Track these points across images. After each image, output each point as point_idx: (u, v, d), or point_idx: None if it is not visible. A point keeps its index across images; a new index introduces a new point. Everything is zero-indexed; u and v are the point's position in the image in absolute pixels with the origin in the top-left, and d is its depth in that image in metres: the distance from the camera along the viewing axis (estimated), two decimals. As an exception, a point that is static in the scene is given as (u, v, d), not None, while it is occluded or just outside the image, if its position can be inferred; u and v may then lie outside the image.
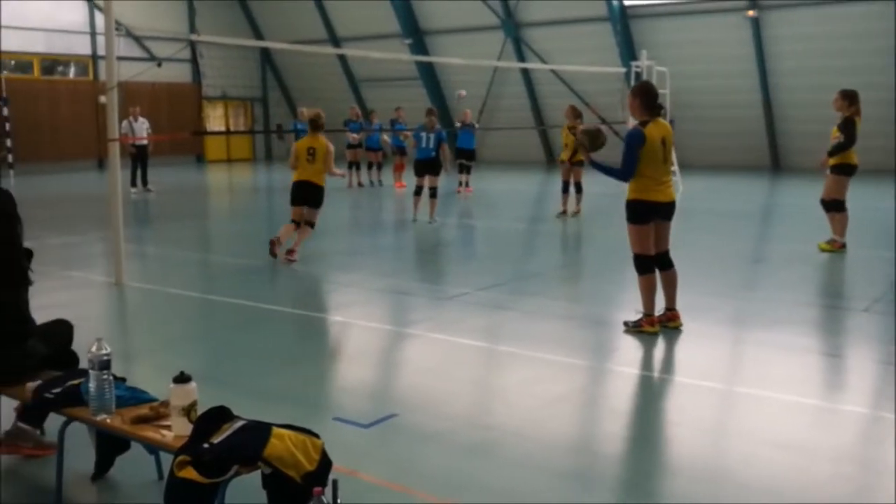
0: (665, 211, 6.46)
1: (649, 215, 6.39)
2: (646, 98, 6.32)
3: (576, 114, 13.76)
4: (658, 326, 6.43)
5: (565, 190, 13.70)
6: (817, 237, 10.18)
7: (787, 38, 21.69)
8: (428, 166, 13.26)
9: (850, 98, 9.75)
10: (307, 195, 9.82)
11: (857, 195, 10.96)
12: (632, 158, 6.22)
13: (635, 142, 6.21)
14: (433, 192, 13.13)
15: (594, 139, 6.77)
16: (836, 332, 6.82)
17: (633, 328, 6.48)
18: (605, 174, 6.52)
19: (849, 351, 6.17)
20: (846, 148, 9.71)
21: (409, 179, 19.15)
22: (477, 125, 19.49)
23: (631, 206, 6.41)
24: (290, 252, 9.64)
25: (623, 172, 6.30)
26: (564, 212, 13.70)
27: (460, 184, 17.72)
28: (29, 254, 4.28)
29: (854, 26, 20.29)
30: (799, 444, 4.35)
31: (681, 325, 6.56)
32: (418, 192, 13.30)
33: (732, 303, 7.59)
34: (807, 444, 4.36)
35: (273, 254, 9.65)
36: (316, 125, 9.91)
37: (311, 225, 9.96)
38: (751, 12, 21.86)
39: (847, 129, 9.67)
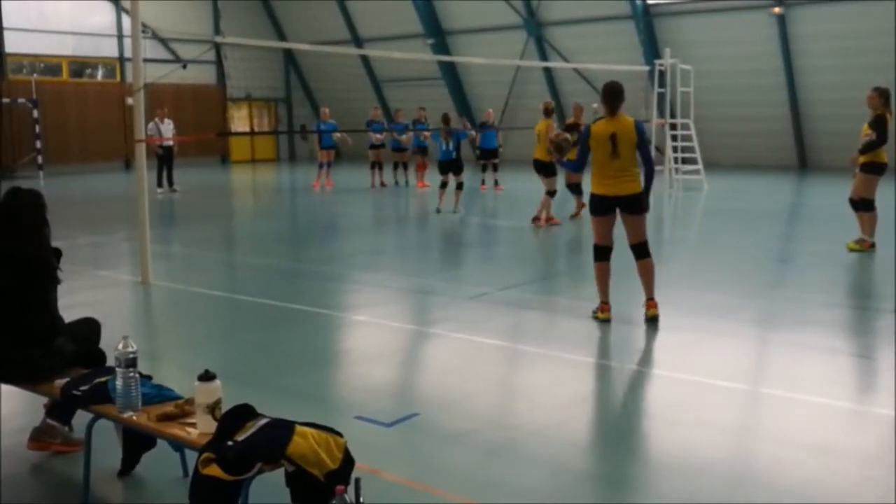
0: (622, 204, 6.73)
1: (602, 208, 6.80)
2: (603, 96, 6.79)
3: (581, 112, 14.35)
4: (608, 314, 6.75)
5: (573, 192, 13.78)
6: (846, 237, 10.03)
7: (814, 35, 21.42)
8: (449, 166, 14.70)
9: (885, 95, 9.63)
10: (538, 168, 12.78)
11: (887, 194, 10.82)
12: (580, 152, 6.96)
13: (582, 136, 6.95)
14: (459, 185, 14.38)
15: (562, 148, 8.43)
16: (866, 333, 6.72)
17: (592, 315, 6.86)
18: (567, 168, 7.49)
19: (878, 352, 6.05)
20: (878, 146, 9.56)
21: (431, 179, 19.23)
22: (497, 124, 19.54)
23: (590, 200, 6.99)
24: (537, 219, 12.38)
25: (574, 164, 7.29)
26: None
27: (483, 181, 17.93)
28: (58, 253, 4.35)
29: (882, 23, 19.98)
30: (827, 446, 4.30)
31: (656, 314, 6.68)
32: (443, 185, 14.56)
33: (759, 303, 7.52)
34: (835, 446, 4.31)
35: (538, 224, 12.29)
36: (546, 112, 13.08)
37: (549, 194, 12.48)
38: (776, 9, 21.60)
39: (879, 127, 9.52)
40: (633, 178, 6.71)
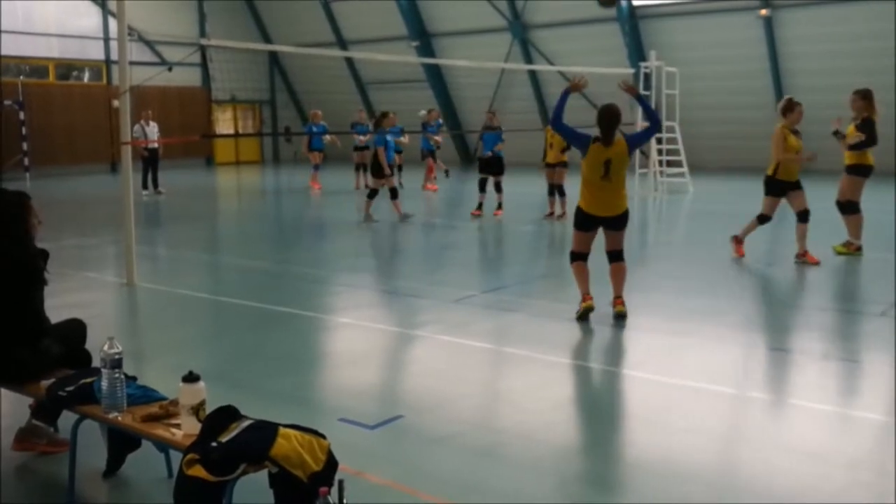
0: (606, 223, 6.91)
1: (588, 224, 6.95)
2: (600, 120, 6.76)
3: None
4: (591, 302, 6.93)
5: (551, 193, 13.82)
6: (832, 240, 10.08)
7: (801, 37, 21.52)
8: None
9: (866, 97, 9.66)
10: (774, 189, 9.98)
11: (874, 197, 10.84)
12: (570, 131, 6.99)
13: (582, 139, 6.86)
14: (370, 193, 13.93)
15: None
16: (853, 336, 6.73)
17: (577, 315, 6.95)
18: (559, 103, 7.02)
19: (866, 356, 6.09)
20: (867, 146, 9.58)
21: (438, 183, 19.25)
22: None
23: (575, 212, 7.08)
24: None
25: (554, 114, 7.06)
26: (551, 214, 13.75)
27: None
28: (45, 254, 4.36)
29: (869, 25, 20.11)
30: (815, 450, 4.33)
31: (623, 310, 6.87)
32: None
33: (745, 306, 7.56)
34: (823, 450, 4.34)
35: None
36: (783, 111, 9.63)
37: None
38: (763, 11, 21.70)
39: (868, 129, 9.54)
40: (622, 199, 6.90)
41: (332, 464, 3.26)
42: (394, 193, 13.90)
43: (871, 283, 8.67)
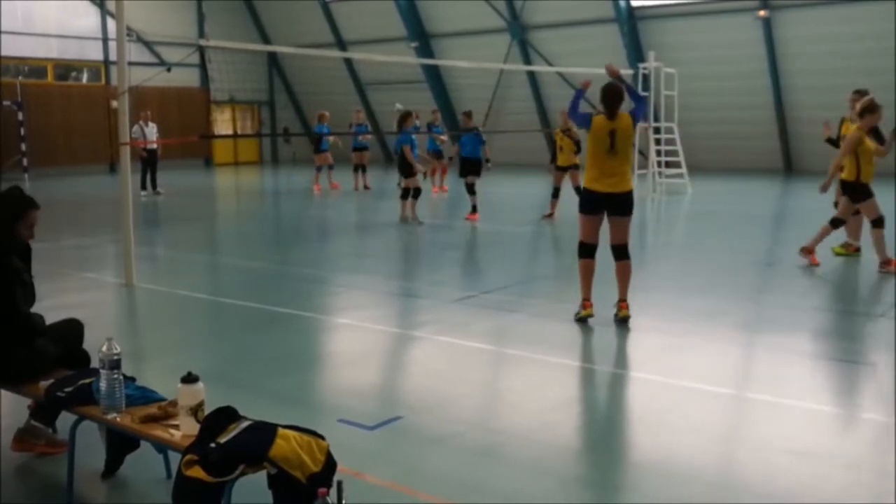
0: (612, 203, 6.80)
1: (595, 206, 6.84)
2: (603, 98, 6.79)
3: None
4: (590, 310, 6.86)
5: (555, 195, 13.81)
6: (831, 241, 10.03)
7: (799, 38, 21.54)
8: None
9: (874, 110, 9.65)
10: (851, 191, 9.33)
11: (886, 202, 10.80)
12: (578, 114, 7.05)
13: (584, 116, 6.90)
14: (407, 194, 13.82)
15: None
16: (852, 337, 6.70)
17: (575, 318, 6.91)
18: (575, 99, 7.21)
19: (865, 357, 6.09)
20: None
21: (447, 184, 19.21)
22: (481, 128, 18.13)
23: (581, 195, 7.04)
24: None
25: (570, 105, 7.23)
26: (551, 215, 13.74)
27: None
28: (26, 250, 4.30)
29: (868, 26, 20.14)
30: (815, 451, 4.32)
31: (628, 315, 6.80)
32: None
33: (745, 307, 7.55)
34: (823, 451, 4.33)
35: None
36: (861, 112, 9.17)
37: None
38: (762, 12, 21.73)
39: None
40: (627, 176, 6.89)
41: (330, 465, 3.25)
42: (416, 192, 13.76)
43: (871, 284, 8.66)
